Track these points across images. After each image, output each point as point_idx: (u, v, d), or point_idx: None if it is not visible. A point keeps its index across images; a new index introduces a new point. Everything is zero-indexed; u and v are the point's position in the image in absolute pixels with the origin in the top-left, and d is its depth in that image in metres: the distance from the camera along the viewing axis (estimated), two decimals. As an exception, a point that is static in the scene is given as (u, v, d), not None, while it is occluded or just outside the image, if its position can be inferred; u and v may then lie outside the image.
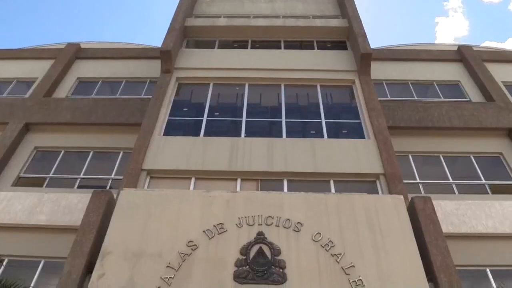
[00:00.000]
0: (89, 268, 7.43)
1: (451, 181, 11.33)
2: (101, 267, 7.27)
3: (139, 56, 15.94)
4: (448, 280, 7.27)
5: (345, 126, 12.03)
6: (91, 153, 12.07)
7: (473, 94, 14.11)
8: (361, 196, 8.41)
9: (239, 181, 9.92)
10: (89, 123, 12.59)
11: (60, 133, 12.59)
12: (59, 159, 12.02)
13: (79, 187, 11.23)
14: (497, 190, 11.25)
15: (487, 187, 11.30)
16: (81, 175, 11.49)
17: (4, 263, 9.01)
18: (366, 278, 7.12)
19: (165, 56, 13.08)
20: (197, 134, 11.33)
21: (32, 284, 9.01)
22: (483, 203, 10.35)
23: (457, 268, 7.56)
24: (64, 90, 14.50)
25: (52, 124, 12.73)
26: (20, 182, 11.47)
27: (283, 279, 7.09)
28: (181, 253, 7.39)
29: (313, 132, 11.66)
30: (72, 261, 7.47)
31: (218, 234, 7.69)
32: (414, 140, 12.07)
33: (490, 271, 9.44)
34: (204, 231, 7.69)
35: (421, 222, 8.02)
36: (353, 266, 7.26)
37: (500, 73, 14.81)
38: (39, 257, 9.64)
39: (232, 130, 11.67)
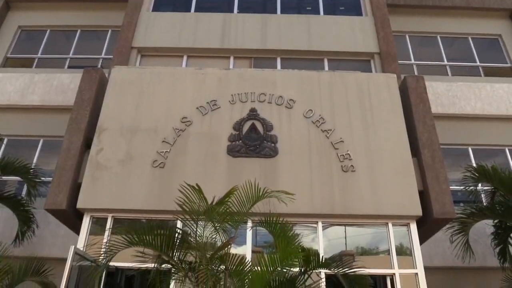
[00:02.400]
0: (87, 144, 7.63)
1: (445, 62, 11.26)
2: (99, 143, 7.49)
3: None
4: (431, 155, 7.59)
5: (343, 2, 11.46)
6: (78, 32, 11.64)
7: (481, -30, 13.26)
8: (354, 74, 8.38)
9: (231, 58, 9.77)
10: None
11: (43, 11, 11.97)
12: (45, 38, 11.64)
13: (69, 67, 11.06)
14: (490, 72, 11.28)
15: (480, 70, 11.29)
16: (70, 55, 11.23)
17: (4, 142, 9.25)
18: (354, 152, 7.45)
19: None
20: (187, 9, 10.81)
21: (34, 161, 9.40)
22: (474, 85, 10.46)
23: (441, 146, 7.83)
24: (41, -38, 13.35)
25: (33, 1, 12.03)
26: (8, 63, 11.25)
27: (274, 153, 7.40)
28: (175, 128, 7.56)
29: (309, 8, 11.16)
30: (70, 137, 7.61)
31: (211, 110, 7.79)
32: (413, 19, 11.69)
33: (472, 149, 9.94)
34: (197, 108, 7.79)
35: (411, 100, 8.11)
36: (342, 141, 7.54)
37: None
38: (37, 136, 9.90)
39: (224, 6, 11.13)
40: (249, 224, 6.37)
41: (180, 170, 7.16)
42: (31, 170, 8.04)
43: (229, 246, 5.04)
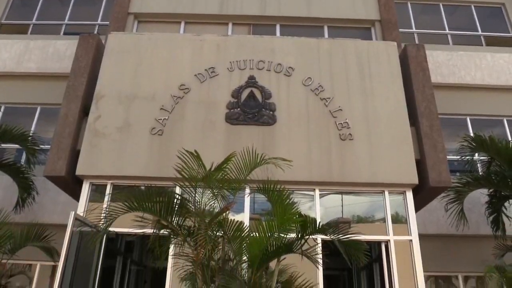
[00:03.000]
0: (85, 111, 7.60)
1: (447, 31, 11.09)
2: (97, 110, 7.45)
3: None
4: (429, 125, 7.60)
5: (344, -33, 11.18)
6: (74, -4, 11.38)
7: None
8: (354, 42, 8.28)
9: (230, 25, 9.59)
10: (67, -38, 11.56)
11: (36, -25, 11.64)
12: (40, 4, 11.37)
13: (64, 33, 10.85)
14: (492, 42, 11.12)
15: (482, 39, 11.13)
16: (66, 21, 11.00)
17: (1, 109, 9.20)
18: (352, 121, 7.45)
19: None
20: (185, -26, 10.49)
21: (32, 128, 9.37)
22: (475, 55, 10.34)
23: (440, 115, 7.84)
24: None
25: (26, -35, 11.70)
26: (3, 30, 11.02)
27: (273, 120, 7.39)
28: (173, 96, 7.52)
29: (309, -27, 10.87)
30: (68, 105, 7.57)
31: (210, 77, 7.73)
32: (415, -14, 11.45)
33: (470, 119, 9.94)
34: (195, 75, 7.71)
35: (411, 69, 8.05)
36: (341, 109, 7.52)
37: None
38: (35, 104, 9.83)
39: (223, -29, 10.82)
40: (247, 190, 6.44)
41: (178, 137, 7.17)
42: (30, 138, 8.04)
43: (227, 212, 5.09)
